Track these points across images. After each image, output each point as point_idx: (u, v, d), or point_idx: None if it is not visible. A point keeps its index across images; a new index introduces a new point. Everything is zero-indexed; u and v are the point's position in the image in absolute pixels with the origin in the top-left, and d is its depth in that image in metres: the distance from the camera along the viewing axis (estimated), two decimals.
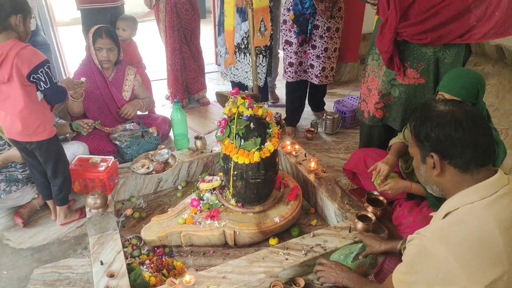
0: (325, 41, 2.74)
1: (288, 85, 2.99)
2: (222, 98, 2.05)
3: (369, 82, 2.31)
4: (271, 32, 2.80)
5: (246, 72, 3.02)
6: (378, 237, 1.78)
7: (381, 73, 2.19)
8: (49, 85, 1.79)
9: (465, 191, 1.07)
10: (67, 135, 2.54)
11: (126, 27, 3.04)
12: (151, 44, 5.27)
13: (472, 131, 1.05)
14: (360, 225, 1.85)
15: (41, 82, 1.76)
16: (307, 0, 2.59)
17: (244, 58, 2.99)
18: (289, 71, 2.85)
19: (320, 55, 2.78)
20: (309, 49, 2.79)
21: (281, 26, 2.80)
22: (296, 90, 2.99)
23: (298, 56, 2.79)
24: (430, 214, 1.23)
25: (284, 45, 2.81)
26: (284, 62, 2.88)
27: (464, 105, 1.12)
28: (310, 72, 2.86)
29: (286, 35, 2.78)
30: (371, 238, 1.75)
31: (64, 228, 2.10)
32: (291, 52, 2.79)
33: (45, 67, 1.76)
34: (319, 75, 2.84)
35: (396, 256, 1.63)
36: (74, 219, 2.15)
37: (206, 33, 4.90)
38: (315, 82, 2.88)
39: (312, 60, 2.81)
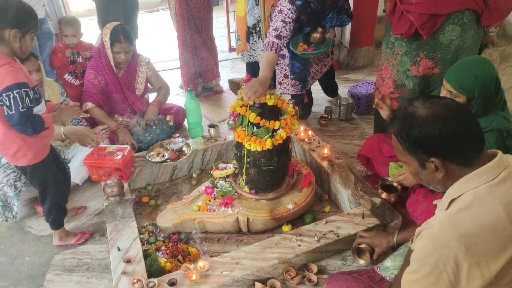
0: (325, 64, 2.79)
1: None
2: (234, 85, 2.05)
3: (382, 70, 2.27)
4: None
5: (262, 51, 2.99)
6: (382, 234, 1.72)
7: (395, 62, 2.15)
8: (13, 112, 1.55)
9: (466, 177, 1.05)
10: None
11: (75, 32, 2.81)
12: (164, 34, 5.29)
13: (461, 122, 1.04)
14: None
15: (5, 107, 1.55)
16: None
17: (258, 40, 2.99)
18: (284, 83, 2.75)
19: (323, 70, 2.84)
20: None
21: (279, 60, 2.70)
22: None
23: (295, 69, 2.68)
24: (434, 203, 1.20)
25: (279, 60, 2.67)
26: (277, 75, 2.75)
27: (442, 99, 1.10)
28: (316, 76, 2.86)
29: (282, 71, 2.72)
30: (377, 237, 1.70)
31: (83, 216, 2.16)
32: (285, 64, 2.68)
33: (14, 91, 1.53)
34: (327, 63, 2.83)
35: None
36: (69, 243, 1.98)
37: (219, 20, 4.88)
38: (324, 70, 2.87)
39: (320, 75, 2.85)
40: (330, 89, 3.22)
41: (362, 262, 1.72)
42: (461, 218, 1.00)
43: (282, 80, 2.76)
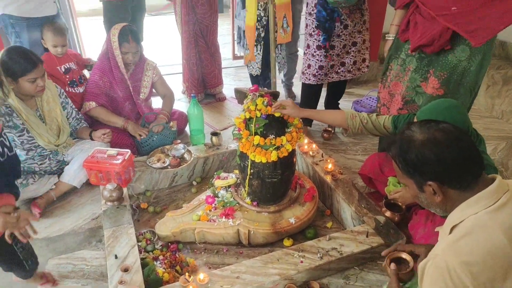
0: (352, 36, 2.69)
1: (304, 87, 2.92)
2: (241, 95, 2.02)
3: (391, 87, 2.26)
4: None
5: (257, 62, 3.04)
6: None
7: (406, 79, 2.14)
8: None
9: (467, 202, 1.05)
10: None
11: (64, 42, 2.54)
12: (167, 37, 5.28)
13: (459, 147, 1.04)
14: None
15: None
16: (329, 5, 2.51)
17: (261, 51, 2.97)
18: (307, 73, 2.78)
19: (350, 50, 2.73)
20: (333, 52, 2.71)
21: (305, 29, 2.74)
22: (312, 92, 2.93)
23: (318, 60, 2.70)
24: (436, 230, 1.20)
25: (306, 49, 2.75)
26: (303, 64, 2.80)
27: (440, 124, 1.10)
28: (340, 70, 2.79)
29: (308, 39, 2.71)
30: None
31: (79, 219, 2.11)
32: (309, 54, 2.72)
33: None
34: (351, 69, 2.79)
35: None
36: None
37: (224, 28, 4.89)
38: (348, 78, 2.83)
39: (343, 58, 2.75)
40: (337, 92, 3.13)
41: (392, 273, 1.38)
42: (462, 245, 0.99)
43: (306, 70, 2.77)
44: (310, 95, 2.93)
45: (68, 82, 2.58)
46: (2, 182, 1.42)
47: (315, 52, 2.68)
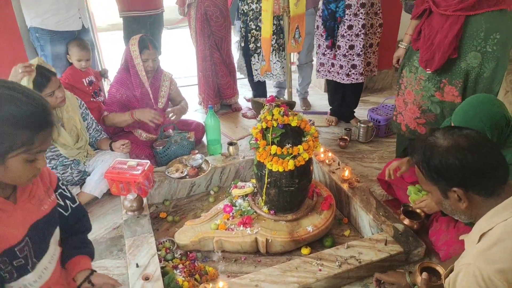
0: (362, 39, 2.76)
1: (328, 83, 3.20)
2: (258, 105, 2.06)
3: (405, 95, 2.27)
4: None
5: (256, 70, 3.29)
6: (398, 272, 1.62)
7: (418, 87, 2.15)
8: None
9: (494, 210, 1.05)
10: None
11: (88, 56, 2.66)
12: (182, 51, 5.39)
13: (482, 153, 1.05)
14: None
15: None
16: (332, 5, 2.71)
17: (260, 61, 3.22)
18: (322, 70, 3.03)
19: (361, 53, 2.81)
20: (339, 51, 2.87)
21: (315, 31, 3.00)
22: (335, 87, 3.14)
23: (328, 58, 2.95)
24: (460, 238, 1.20)
25: (317, 49, 3.02)
26: (316, 63, 3.08)
27: (463, 130, 1.11)
28: (351, 73, 2.88)
29: (318, 40, 2.95)
30: (394, 275, 1.58)
31: (101, 229, 2.16)
32: (320, 53, 2.99)
33: None
34: (363, 71, 2.88)
35: None
36: None
37: (236, 39, 4.95)
38: (361, 81, 2.92)
39: (353, 60, 2.84)
40: (347, 115, 3.28)
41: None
42: (494, 252, 0.99)
43: (319, 68, 3.04)
44: (334, 89, 3.16)
45: (92, 93, 2.71)
46: (74, 243, 1.34)
47: (325, 51, 2.93)
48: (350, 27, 2.72)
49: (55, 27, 2.59)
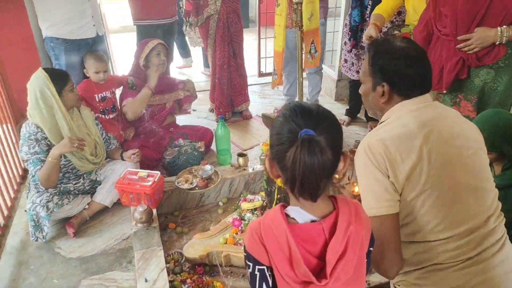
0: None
1: (350, 80, 3.33)
2: (268, 120, 2.05)
3: None
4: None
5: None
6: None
7: (437, 101, 2.13)
8: None
9: (397, 105, 1.23)
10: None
11: (105, 67, 2.61)
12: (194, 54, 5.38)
13: (420, 67, 1.20)
14: None
15: None
16: (354, 13, 2.87)
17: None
18: (344, 66, 3.19)
19: None
20: (362, 51, 3.00)
21: (343, 29, 3.22)
22: (356, 87, 3.13)
23: (351, 57, 3.09)
24: None
25: (343, 45, 3.18)
26: (341, 58, 3.31)
27: (415, 43, 1.27)
28: None
29: (345, 37, 3.13)
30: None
31: (110, 240, 2.17)
32: (345, 50, 3.14)
33: None
34: None
35: None
36: None
37: (249, 43, 4.93)
38: None
39: None
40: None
41: None
42: (380, 131, 1.21)
43: (343, 63, 3.19)
44: (355, 87, 3.15)
45: (100, 110, 2.65)
46: None
47: (350, 49, 3.05)
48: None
49: (69, 35, 2.60)
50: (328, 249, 0.91)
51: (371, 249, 1.02)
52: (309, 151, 0.85)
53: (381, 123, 1.27)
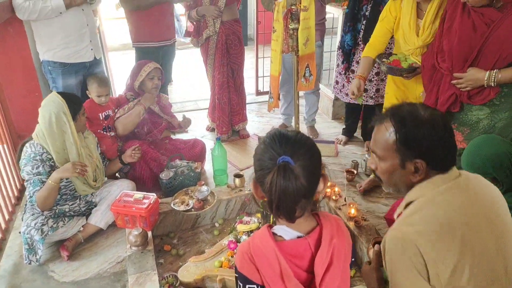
0: (374, 67, 2.86)
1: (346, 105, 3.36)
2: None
3: None
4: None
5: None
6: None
7: None
8: None
9: (425, 183, 1.11)
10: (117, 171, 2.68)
11: (108, 91, 2.68)
12: (192, 73, 5.43)
13: (448, 135, 1.10)
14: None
15: None
16: (347, 37, 2.92)
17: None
18: (336, 87, 3.27)
19: (372, 79, 2.99)
20: (352, 75, 3.05)
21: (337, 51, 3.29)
22: (351, 107, 3.29)
23: (342, 79, 3.16)
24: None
25: (336, 67, 3.28)
26: (334, 78, 3.34)
27: (434, 109, 1.15)
28: (364, 96, 3.03)
29: (338, 59, 3.20)
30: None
31: (104, 263, 2.15)
32: (337, 72, 3.24)
33: None
34: (373, 96, 3.04)
35: None
36: None
37: (247, 61, 4.98)
38: (370, 103, 3.07)
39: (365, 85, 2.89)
40: (369, 132, 3.25)
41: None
42: (414, 218, 1.07)
43: (335, 84, 3.29)
44: (352, 108, 3.30)
45: (103, 127, 2.69)
46: None
47: (342, 71, 3.11)
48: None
49: (67, 59, 2.63)
50: (315, 262, 0.98)
51: (353, 259, 1.09)
52: (284, 177, 0.93)
53: (407, 205, 1.14)
